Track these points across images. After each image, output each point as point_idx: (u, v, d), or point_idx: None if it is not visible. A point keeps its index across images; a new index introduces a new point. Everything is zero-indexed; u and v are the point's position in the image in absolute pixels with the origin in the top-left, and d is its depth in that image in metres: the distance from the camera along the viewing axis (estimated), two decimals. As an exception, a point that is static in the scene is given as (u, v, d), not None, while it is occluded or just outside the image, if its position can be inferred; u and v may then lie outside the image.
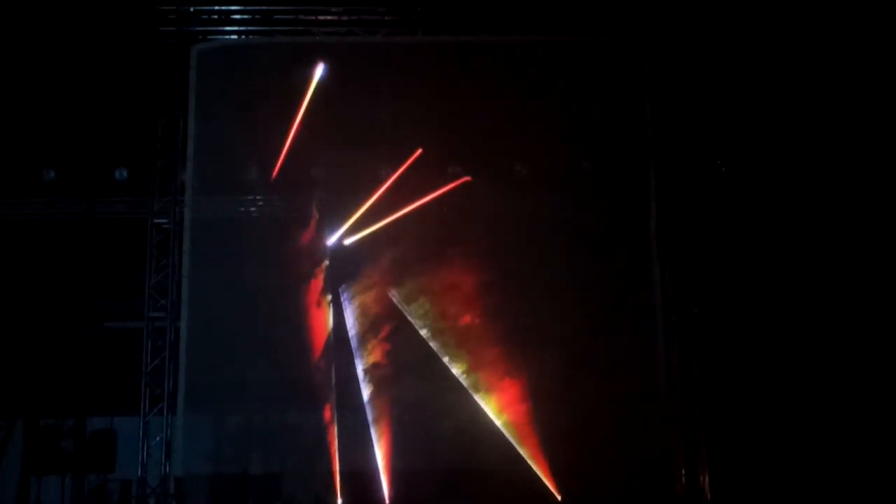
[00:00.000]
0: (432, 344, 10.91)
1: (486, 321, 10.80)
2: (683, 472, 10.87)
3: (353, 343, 10.89)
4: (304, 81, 10.81)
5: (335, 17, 11.31)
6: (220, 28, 11.43)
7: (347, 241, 11.00)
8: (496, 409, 10.68)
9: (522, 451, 10.57)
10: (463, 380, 10.84)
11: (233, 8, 11.36)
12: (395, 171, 10.98)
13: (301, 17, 11.28)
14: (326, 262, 11.01)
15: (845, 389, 10.91)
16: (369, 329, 10.93)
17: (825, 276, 11.29)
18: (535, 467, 10.54)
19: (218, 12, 11.33)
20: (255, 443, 10.99)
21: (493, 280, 10.80)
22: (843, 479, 10.47)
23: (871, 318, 11.09)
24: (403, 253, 10.96)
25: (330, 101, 10.81)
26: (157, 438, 10.74)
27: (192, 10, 11.19)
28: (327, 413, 10.73)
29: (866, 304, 11.14)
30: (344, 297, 10.95)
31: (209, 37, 11.33)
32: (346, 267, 11.00)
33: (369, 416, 10.72)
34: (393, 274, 10.96)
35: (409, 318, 10.96)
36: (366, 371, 10.82)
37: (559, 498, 10.53)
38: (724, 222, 11.55)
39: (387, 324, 10.96)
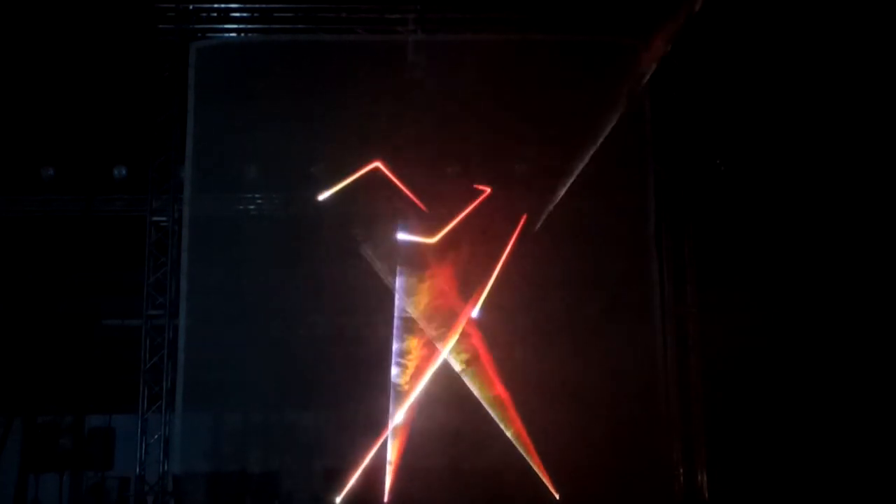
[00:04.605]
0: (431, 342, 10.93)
1: (483, 321, 10.80)
2: (681, 471, 10.88)
3: (353, 341, 10.88)
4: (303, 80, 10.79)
5: (334, 16, 11.29)
6: (220, 26, 11.41)
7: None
8: (494, 408, 10.68)
9: (520, 451, 10.56)
10: (461, 378, 10.84)
11: (232, 6, 11.33)
12: (394, 169, 10.98)
13: (300, 14, 11.27)
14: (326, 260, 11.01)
15: (845, 389, 10.91)
16: (368, 326, 10.91)
17: (825, 275, 11.29)
18: (532, 467, 10.54)
19: (217, 10, 11.30)
20: (254, 441, 11.01)
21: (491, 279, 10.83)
22: (842, 478, 10.48)
23: (871, 317, 11.09)
24: (402, 251, 10.94)
25: (329, 99, 10.79)
26: (156, 436, 10.76)
27: (191, 7, 11.17)
28: (326, 411, 10.74)
29: (866, 304, 11.14)
30: (341, 294, 10.94)
31: (208, 34, 11.32)
32: (346, 264, 10.98)
33: (368, 415, 10.72)
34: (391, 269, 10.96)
35: (407, 316, 10.97)
36: (365, 369, 10.81)
37: (557, 497, 10.53)
38: (724, 221, 11.55)
39: (386, 321, 10.95)
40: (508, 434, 10.61)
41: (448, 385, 10.82)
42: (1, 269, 11.70)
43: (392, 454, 10.57)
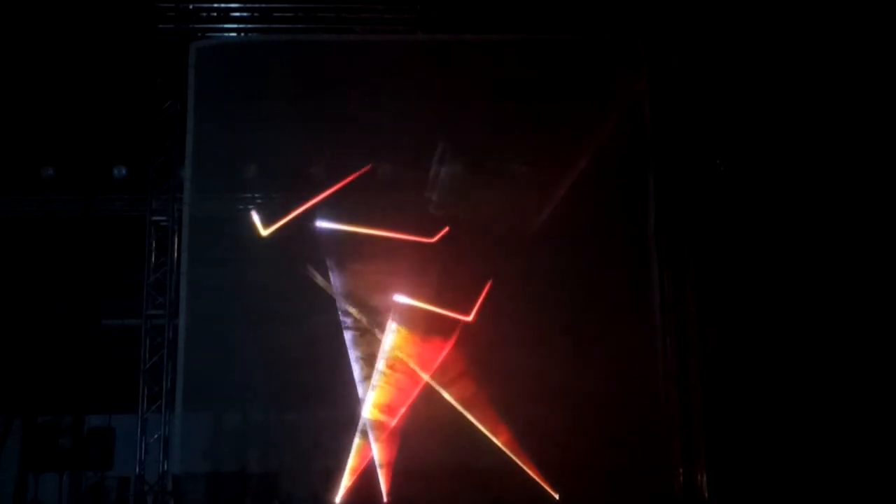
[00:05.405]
0: (431, 342, 10.93)
1: (483, 321, 10.80)
2: (681, 471, 10.88)
3: (352, 340, 10.89)
4: (303, 80, 10.80)
5: (334, 15, 11.30)
6: (220, 25, 11.41)
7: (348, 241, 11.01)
8: (493, 408, 10.68)
9: (520, 451, 10.57)
10: (461, 379, 10.85)
11: (232, 6, 11.34)
12: (394, 169, 10.98)
13: (300, 14, 11.27)
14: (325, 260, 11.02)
15: (844, 389, 10.91)
16: (368, 327, 10.92)
17: (825, 275, 11.28)
18: (532, 467, 10.54)
19: (217, 10, 11.30)
20: (253, 441, 11.00)
21: (490, 280, 10.82)
22: (841, 478, 10.48)
23: (870, 317, 11.09)
24: (401, 251, 10.95)
25: (329, 99, 10.79)
26: (155, 436, 10.75)
27: (191, 7, 11.17)
28: (326, 411, 10.74)
29: (866, 304, 11.14)
30: (342, 294, 10.95)
31: (208, 34, 11.32)
32: (344, 263, 10.99)
33: (368, 415, 10.73)
34: (391, 268, 10.95)
35: (408, 316, 10.98)
36: (364, 369, 10.82)
37: (556, 497, 10.54)
38: (723, 222, 11.54)
39: (386, 322, 10.95)
40: (508, 434, 10.62)
41: (445, 386, 10.84)
42: (1, 269, 11.70)
43: (382, 456, 10.57)
